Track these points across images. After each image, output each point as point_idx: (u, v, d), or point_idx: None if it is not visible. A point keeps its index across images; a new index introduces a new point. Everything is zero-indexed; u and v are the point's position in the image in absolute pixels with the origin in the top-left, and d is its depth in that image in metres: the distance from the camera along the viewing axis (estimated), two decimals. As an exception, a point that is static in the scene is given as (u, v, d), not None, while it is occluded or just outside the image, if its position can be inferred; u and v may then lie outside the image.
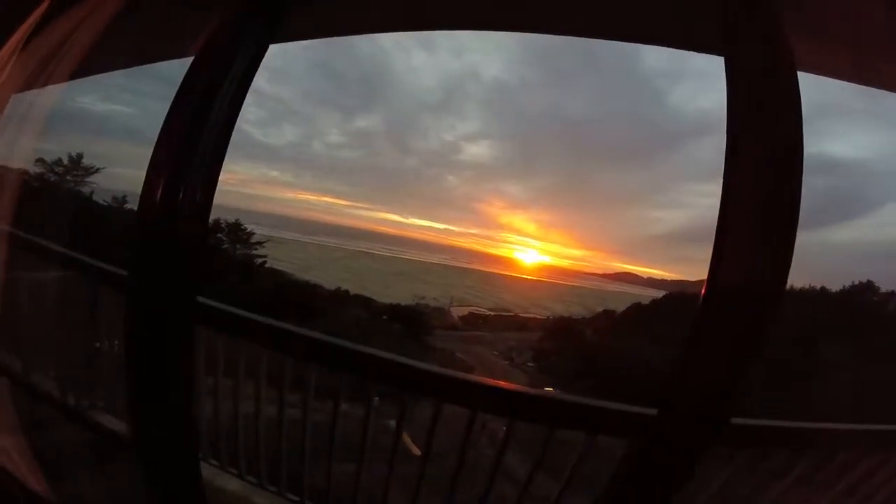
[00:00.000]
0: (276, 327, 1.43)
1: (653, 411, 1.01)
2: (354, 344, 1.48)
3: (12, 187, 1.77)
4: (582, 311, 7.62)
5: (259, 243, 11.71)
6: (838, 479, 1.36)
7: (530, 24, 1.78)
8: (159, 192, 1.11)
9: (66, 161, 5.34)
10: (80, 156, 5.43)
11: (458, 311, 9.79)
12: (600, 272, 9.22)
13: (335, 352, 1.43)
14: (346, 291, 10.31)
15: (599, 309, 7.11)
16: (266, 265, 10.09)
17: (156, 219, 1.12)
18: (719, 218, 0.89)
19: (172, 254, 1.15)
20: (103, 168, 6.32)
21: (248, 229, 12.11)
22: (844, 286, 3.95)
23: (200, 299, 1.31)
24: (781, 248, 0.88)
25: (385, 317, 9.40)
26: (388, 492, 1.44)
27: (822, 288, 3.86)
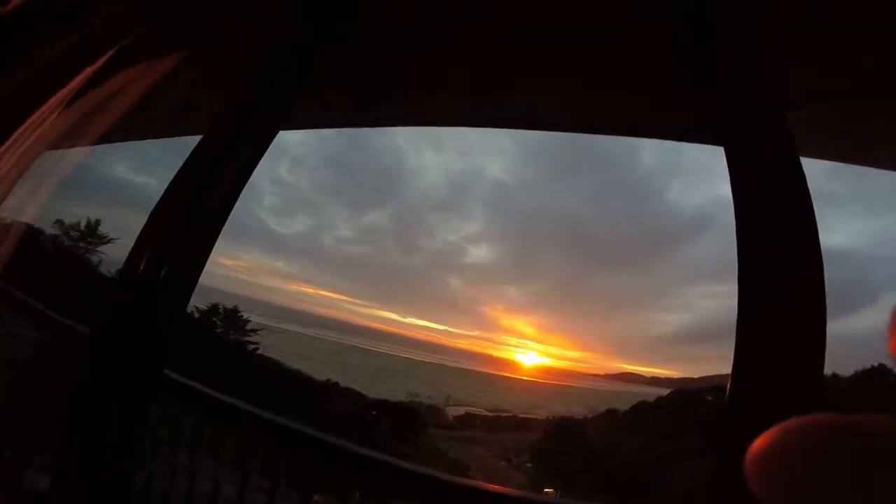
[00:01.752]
0: (242, 409, 1.41)
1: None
2: (322, 433, 1.40)
3: (14, 242, 1.85)
4: (584, 410, 7.12)
5: (253, 331, 11.52)
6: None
7: (530, 119, 2.00)
8: (144, 261, 1.11)
9: (83, 226, 5.51)
10: (97, 222, 5.60)
11: (453, 411, 9.09)
12: (601, 373, 8.88)
13: (300, 440, 1.38)
14: (336, 384, 9.77)
15: (602, 408, 6.67)
16: (257, 352, 9.82)
17: (136, 287, 1.11)
18: (742, 313, 0.84)
19: (144, 324, 1.12)
20: (118, 239, 6.40)
21: (245, 316, 12.03)
22: (857, 371, 3.88)
23: (167, 372, 1.31)
24: (816, 338, 0.84)
25: (374, 412, 8.74)
26: None
27: (834, 374, 3.77)
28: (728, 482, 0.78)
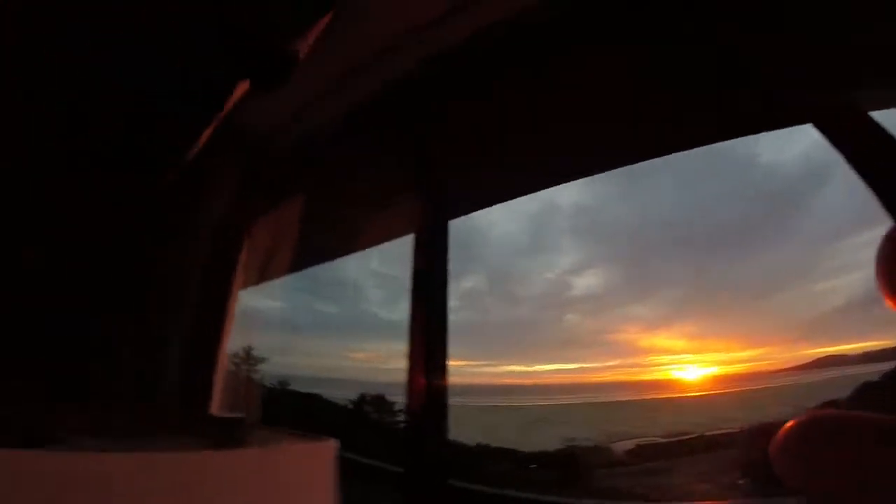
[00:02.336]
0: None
1: None
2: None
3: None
4: (790, 409, 5.66)
5: (400, 411, 11.97)
6: None
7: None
8: (420, 386, 1.28)
9: (241, 353, 6.72)
10: (250, 347, 6.81)
11: (620, 446, 7.93)
12: (791, 365, 7.10)
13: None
14: (487, 446, 9.39)
15: (813, 402, 5.23)
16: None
17: (420, 413, 1.28)
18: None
19: (433, 445, 1.26)
20: (267, 358, 7.51)
21: (390, 399, 12.64)
22: None
23: (451, 482, 1.43)
24: None
25: (534, 465, 8.11)
26: None
27: None
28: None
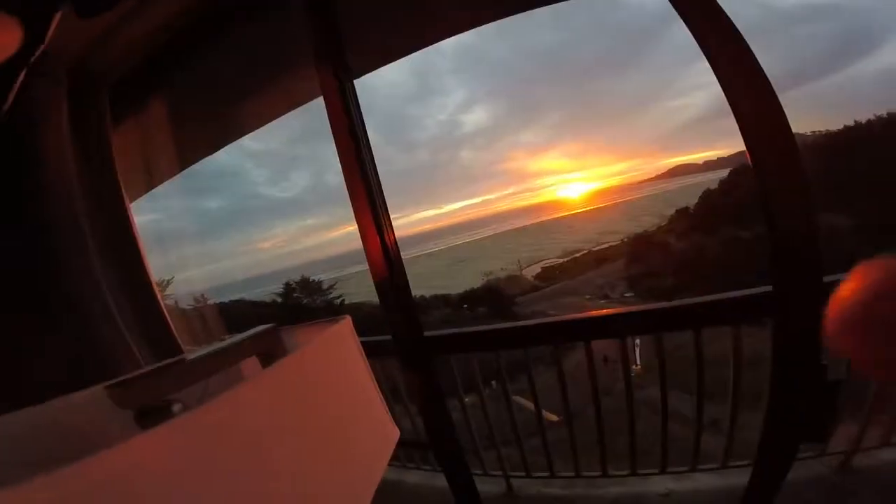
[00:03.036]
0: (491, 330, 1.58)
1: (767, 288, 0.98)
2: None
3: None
4: (655, 219, 7.20)
5: (331, 287, 12.52)
6: None
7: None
8: (377, 249, 1.21)
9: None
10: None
11: (529, 272, 9.56)
12: (655, 175, 8.70)
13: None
14: (423, 297, 10.69)
15: (671, 211, 6.73)
16: (345, 303, 10.90)
17: (386, 276, 1.22)
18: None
19: (403, 298, 1.26)
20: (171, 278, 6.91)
21: (316, 279, 12.95)
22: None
23: (427, 333, 1.45)
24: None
25: (465, 305, 9.66)
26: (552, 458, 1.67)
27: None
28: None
